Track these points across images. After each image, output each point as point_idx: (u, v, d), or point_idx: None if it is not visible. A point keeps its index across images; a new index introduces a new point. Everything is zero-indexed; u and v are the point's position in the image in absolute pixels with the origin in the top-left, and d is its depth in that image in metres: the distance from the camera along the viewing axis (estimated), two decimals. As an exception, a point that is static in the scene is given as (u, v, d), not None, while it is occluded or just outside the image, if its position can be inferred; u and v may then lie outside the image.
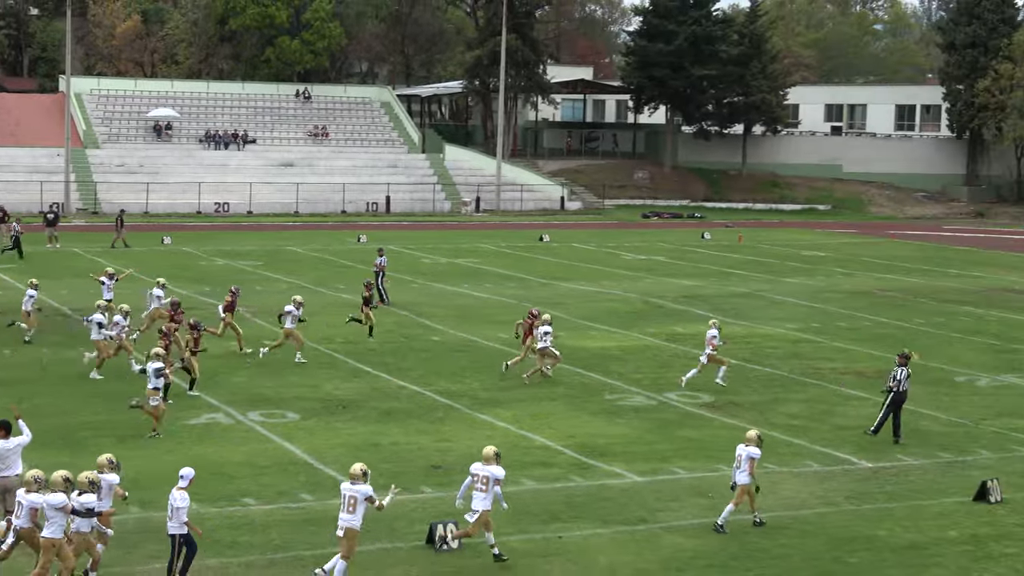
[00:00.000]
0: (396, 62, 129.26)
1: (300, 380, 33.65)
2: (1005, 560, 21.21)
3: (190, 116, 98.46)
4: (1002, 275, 63.03)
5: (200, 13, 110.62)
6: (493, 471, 20.65)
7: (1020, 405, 33.15)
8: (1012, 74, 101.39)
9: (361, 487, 19.14)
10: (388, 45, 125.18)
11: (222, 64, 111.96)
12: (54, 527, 18.06)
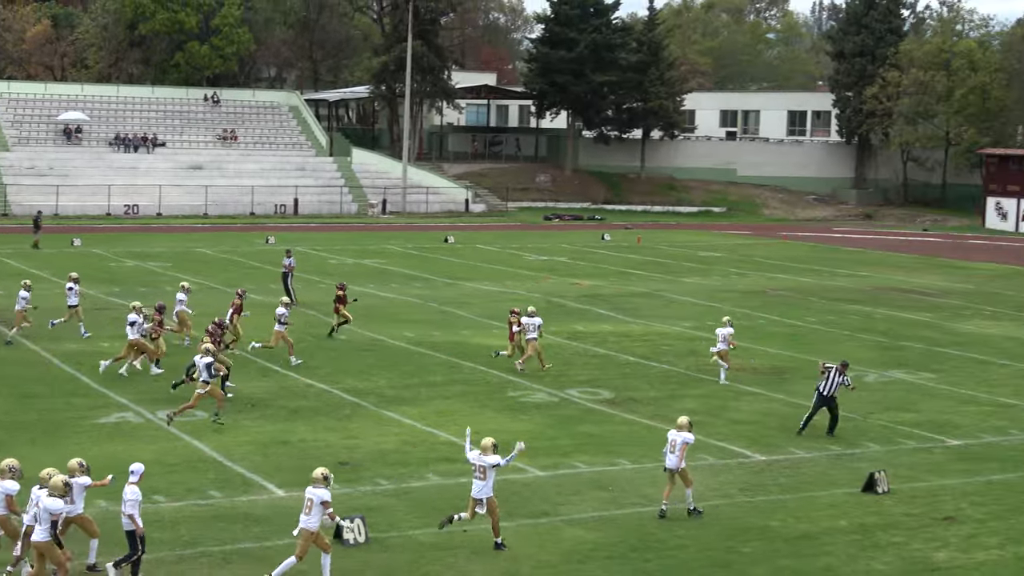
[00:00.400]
0: (304, 67, 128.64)
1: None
2: (891, 548, 21.48)
3: (100, 119, 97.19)
4: (889, 275, 63.88)
5: (110, 18, 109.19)
6: (489, 460, 20.85)
7: (906, 400, 33.62)
8: (898, 81, 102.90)
9: (320, 491, 19.07)
10: (296, 51, 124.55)
11: (132, 68, 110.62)
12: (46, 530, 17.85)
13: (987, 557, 21.19)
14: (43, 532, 17.79)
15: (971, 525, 22.88)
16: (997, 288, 59.62)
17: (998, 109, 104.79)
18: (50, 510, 17.72)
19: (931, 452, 28.26)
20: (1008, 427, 30.80)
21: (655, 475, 25.39)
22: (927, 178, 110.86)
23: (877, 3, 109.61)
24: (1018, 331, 46.21)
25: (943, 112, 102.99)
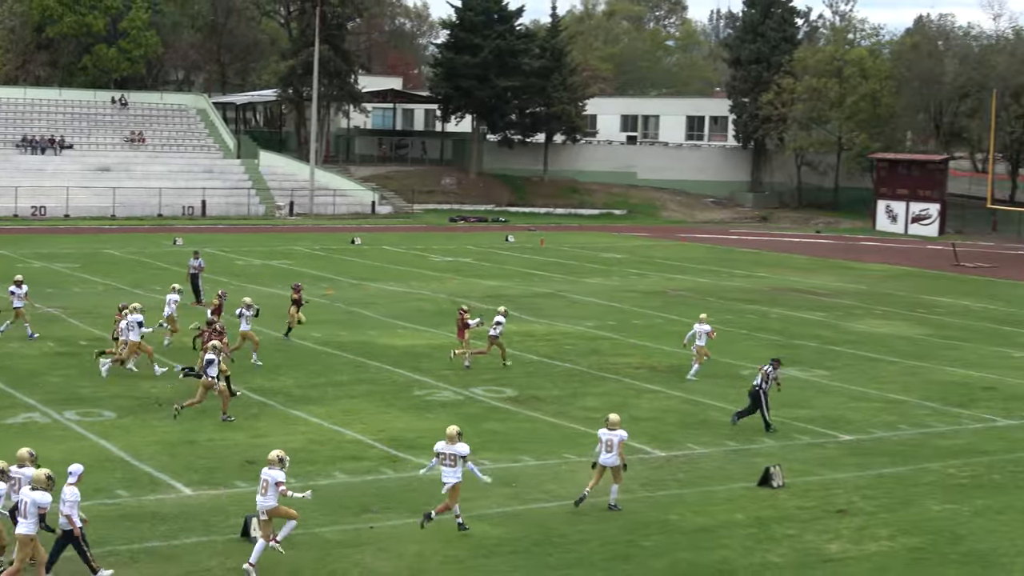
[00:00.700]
0: (212, 70, 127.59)
1: (117, 379, 32.90)
2: (786, 541, 21.70)
3: (7, 121, 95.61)
4: (784, 275, 64.57)
5: (17, 20, 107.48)
6: (458, 449, 21.35)
7: (800, 396, 33.97)
8: (793, 88, 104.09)
9: (275, 472, 19.37)
10: (204, 54, 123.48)
11: (39, 71, 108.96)
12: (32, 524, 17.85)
13: (878, 548, 21.48)
14: (29, 526, 17.79)
15: (862, 517, 23.17)
16: (888, 288, 60.48)
17: (888, 115, 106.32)
18: (38, 503, 17.76)
19: (824, 447, 28.60)
20: (898, 422, 31.25)
21: (557, 471, 25.51)
22: (820, 182, 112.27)
23: (772, 12, 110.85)
24: (908, 330, 46.94)
25: (835, 118, 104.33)
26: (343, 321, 44.21)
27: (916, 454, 28.05)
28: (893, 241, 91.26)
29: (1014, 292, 60.83)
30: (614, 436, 22.90)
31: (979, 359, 40.91)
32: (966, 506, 24.06)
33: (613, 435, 22.90)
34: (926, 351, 42.12)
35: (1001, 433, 30.51)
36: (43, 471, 18.28)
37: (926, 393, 34.91)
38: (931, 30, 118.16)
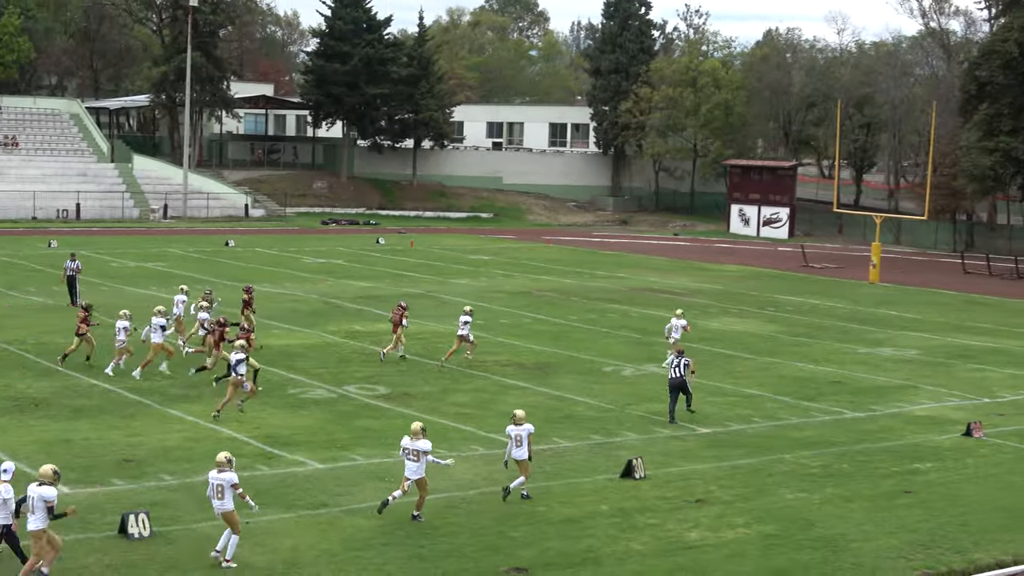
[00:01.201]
0: (85, 76, 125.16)
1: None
2: (648, 530, 21.89)
3: None
4: (644, 276, 65.22)
5: None
6: (420, 445, 21.80)
7: (660, 391, 34.16)
8: (650, 97, 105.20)
9: (227, 475, 19.33)
10: (77, 60, 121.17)
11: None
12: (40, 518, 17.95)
13: (735, 535, 21.76)
14: (38, 521, 17.92)
15: (720, 506, 23.47)
16: (741, 288, 61.38)
17: (740, 124, 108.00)
18: (44, 498, 17.88)
19: (683, 440, 28.90)
20: (752, 415, 31.71)
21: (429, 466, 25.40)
22: (677, 186, 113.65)
23: (630, 25, 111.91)
24: (760, 327, 47.67)
25: (691, 126, 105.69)
26: (218, 322, 43.58)
27: (770, 445, 28.49)
28: (746, 243, 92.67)
29: (858, 291, 62.13)
30: (522, 431, 23.19)
31: (827, 355, 41.70)
32: (817, 494, 24.50)
33: (521, 430, 23.20)
34: (777, 348, 42.82)
35: (849, 425, 31.12)
36: (49, 466, 18.39)
37: (778, 388, 35.49)
38: (780, 43, 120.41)
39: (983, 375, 38.90)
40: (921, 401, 34.41)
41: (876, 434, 30.06)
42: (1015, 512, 23.66)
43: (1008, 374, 39.23)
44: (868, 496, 24.47)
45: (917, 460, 27.51)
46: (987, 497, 24.67)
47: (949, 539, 21.84)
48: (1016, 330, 49.85)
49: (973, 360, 41.59)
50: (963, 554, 21.06)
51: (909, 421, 31.74)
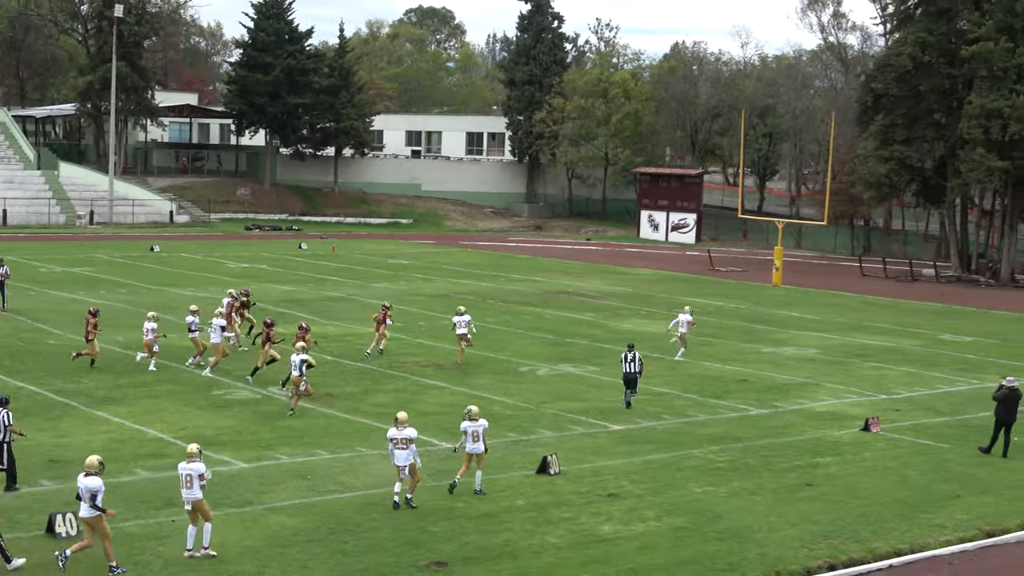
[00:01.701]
0: (11, 84, 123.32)
1: (-81, 384, 31.56)
2: (563, 523, 21.96)
3: None
4: (558, 279, 65.40)
5: None
6: (407, 432, 22.31)
7: (573, 390, 34.44)
8: (563, 107, 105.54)
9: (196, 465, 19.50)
10: (3, 69, 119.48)
11: None
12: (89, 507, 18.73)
13: (645, 528, 21.88)
14: (87, 509, 18.64)
15: (631, 500, 23.59)
16: (651, 291, 61.75)
17: (649, 133, 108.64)
18: (91, 488, 18.55)
19: (596, 436, 29.01)
20: (662, 413, 31.90)
21: (351, 463, 25.38)
22: (589, 193, 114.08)
23: (544, 38, 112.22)
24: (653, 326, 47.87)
25: (602, 135, 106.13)
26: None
27: (679, 441, 28.69)
28: (655, 248, 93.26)
29: (762, 293, 62.75)
30: (478, 427, 23.52)
31: (732, 354, 42.07)
32: (724, 488, 24.70)
33: (477, 426, 23.53)
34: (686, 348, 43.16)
35: (754, 421, 31.42)
36: (95, 457, 19.13)
37: (686, 386, 35.73)
38: (686, 56, 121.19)
39: (880, 373, 39.45)
40: (822, 398, 34.83)
41: (779, 430, 30.38)
42: (911, 503, 24.02)
43: (903, 372, 39.81)
44: (772, 489, 24.72)
45: (818, 454, 27.84)
46: (884, 489, 25.01)
47: (849, 529, 22.12)
48: (911, 330, 50.62)
49: (871, 359, 42.17)
50: (862, 544, 21.33)
51: (810, 417, 32.11)
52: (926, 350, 44.93)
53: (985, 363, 42.12)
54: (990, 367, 41.01)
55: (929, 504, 23.97)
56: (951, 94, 77.24)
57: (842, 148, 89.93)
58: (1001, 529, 22.55)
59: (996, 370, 39.51)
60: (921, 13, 78.35)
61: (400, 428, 22.38)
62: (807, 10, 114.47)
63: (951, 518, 23.06)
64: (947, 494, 24.78)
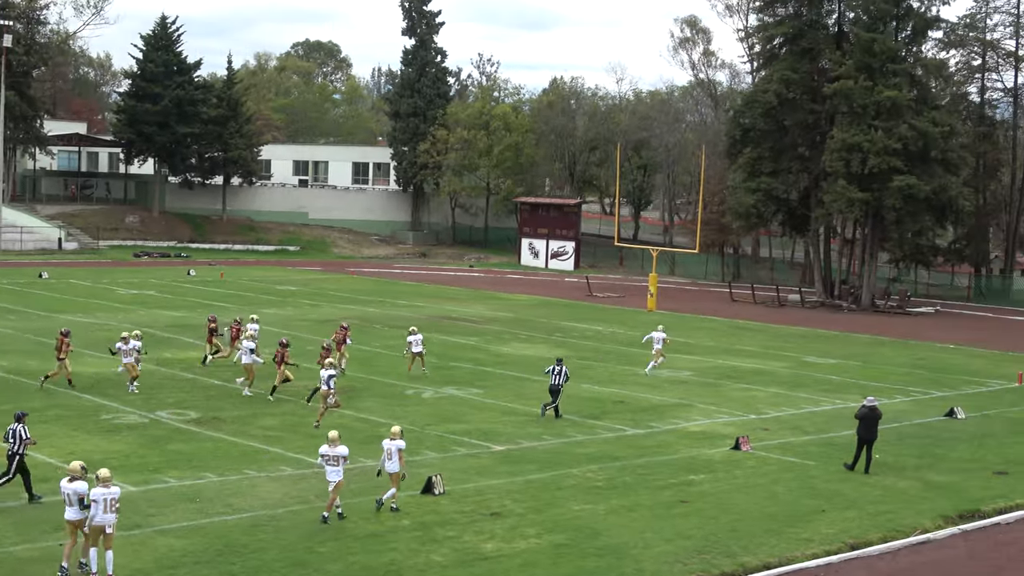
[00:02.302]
0: None
1: None
2: (447, 542, 21.85)
3: None
4: (442, 305, 65.30)
5: None
6: (339, 451, 22.81)
7: (457, 412, 34.36)
8: (447, 139, 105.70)
9: (116, 489, 19.59)
10: None
11: None
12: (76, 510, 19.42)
13: (527, 545, 21.87)
14: (74, 512, 19.35)
15: (513, 518, 23.56)
16: (531, 315, 61.93)
17: (529, 164, 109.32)
18: (78, 492, 19.33)
19: (479, 457, 28.96)
20: (542, 433, 31.95)
21: (239, 486, 25.02)
22: (472, 222, 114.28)
23: (427, 71, 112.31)
24: (549, 351, 48.06)
25: (484, 166, 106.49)
26: (32, 351, 42.16)
27: (559, 461, 28.74)
28: (535, 274, 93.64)
29: (638, 318, 63.27)
30: (393, 446, 23.60)
31: (610, 376, 42.33)
32: (602, 505, 24.80)
33: (393, 445, 23.63)
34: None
35: (630, 441, 31.61)
36: (77, 463, 20.04)
37: (565, 407, 35.76)
38: (565, 90, 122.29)
39: (750, 394, 39.98)
40: (695, 418, 35.18)
41: (655, 449, 30.60)
42: (779, 518, 24.33)
43: (772, 392, 40.40)
44: (648, 506, 24.87)
45: (692, 472, 28.09)
46: (754, 505, 25.31)
47: (721, 544, 22.33)
48: (778, 353, 51.41)
49: (741, 380, 42.73)
50: (733, 558, 21.55)
51: (684, 436, 32.40)
52: (792, 372, 45.66)
53: (847, 384, 42.93)
54: (852, 388, 41.81)
55: (797, 519, 24.31)
56: (814, 129, 78.89)
57: (712, 179, 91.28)
58: (864, 542, 22.93)
59: (858, 391, 40.29)
60: (786, 52, 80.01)
61: (332, 446, 22.79)
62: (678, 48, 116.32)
63: (817, 532, 23.40)
64: (813, 509, 25.15)
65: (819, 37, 78.51)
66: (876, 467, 28.82)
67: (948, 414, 37.05)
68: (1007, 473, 29.25)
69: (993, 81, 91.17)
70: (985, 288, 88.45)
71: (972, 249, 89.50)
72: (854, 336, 60.00)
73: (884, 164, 70.63)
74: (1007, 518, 25.36)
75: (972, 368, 49.19)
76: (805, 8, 79.41)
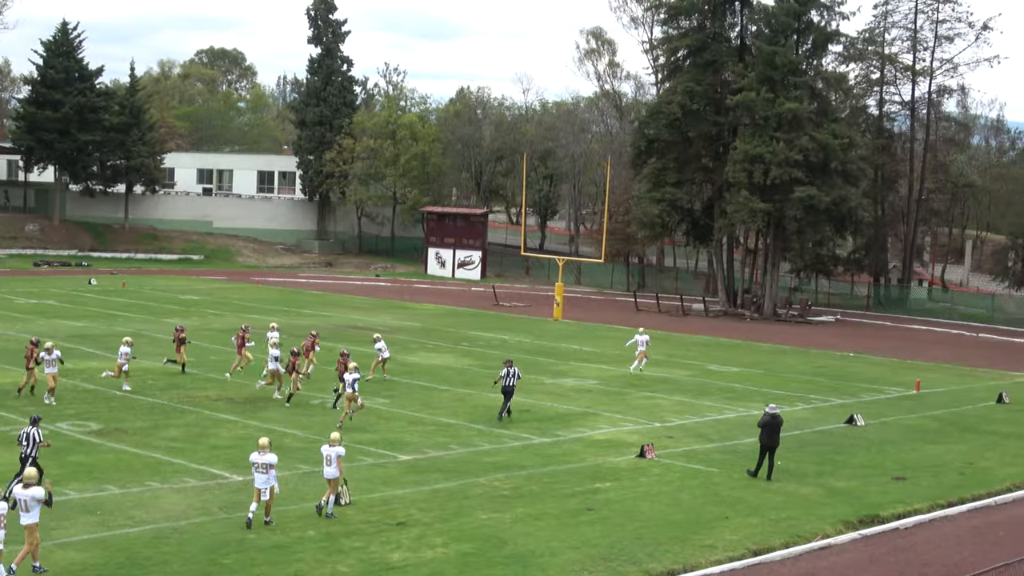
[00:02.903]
0: None
1: None
2: (354, 552, 21.71)
3: None
4: (348, 314, 64.96)
5: None
6: (269, 458, 22.96)
7: (363, 422, 34.11)
8: (353, 148, 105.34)
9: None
10: None
11: None
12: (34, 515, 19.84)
13: (434, 555, 21.79)
14: (33, 517, 19.75)
15: (420, 528, 23.48)
16: (438, 325, 61.83)
17: (436, 173, 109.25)
18: (36, 497, 19.87)
19: (385, 467, 28.82)
20: (449, 443, 31.89)
21: (141, 498, 24.64)
22: (379, 231, 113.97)
23: (333, 80, 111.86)
24: (455, 361, 48.11)
25: (390, 175, 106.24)
26: (-74, 362, 41.21)
27: (466, 470, 28.71)
28: (442, 284, 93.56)
29: (544, 327, 63.50)
30: (333, 452, 23.93)
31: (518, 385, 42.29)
32: (509, 514, 24.80)
33: (332, 451, 23.95)
34: (471, 379, 43.29)
35: (537, 449, 31.67)
36: (32, 469, 20.93)
37: (472, 416, 35.83)
38: (471, 100, 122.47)
39: (654, 402, 40.27)
40: (601, 426, 35.34)
41: (561, 457, 30.69)
42: (684, 525, 24.52)
43: (676, 401, 40.74)
44: (555, 514, 24.92)
45: (598, 480, 28.21)
46: (659, 512, 25.48)
47: (626, 552, 22.44)
48: (683, 361, 51.87)
49: (646, 389, 43.03)
50: (638, 565, 21.67)
51: (590, 445, 32.54)
52: (696, 380, 46.10)
53: (750, 392, 43.44)
54: (755, 396, 42.31)
55: (701, 526, 24.52)
56: (718, 140, 79.85)
57: (618, 190, 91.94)
58: (767, 548, 23.19)
59: (760, 398, 40.80)
60: (689, 64, 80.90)
61: (262, 453, 22.92)
62: (584, 60, 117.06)
63: (721, 539, 23.62)
64: (717, 516, 25.38)
65: (722, 50, 79.50)
66: (778, 474, 29.19)
67: (848, 421, 37.66)
68: (905, 478, 29.79)
69: (891, 94, 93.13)
70: (884, 297, 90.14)
71: (871, 259, 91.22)
72: (756, 345, 60.75)
73: (785, 175, 71.68)
74: (906, 523, 25.81)
75: (871, 376, 50.06)
76: (708, 21, 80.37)
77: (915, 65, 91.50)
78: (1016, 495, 29.08)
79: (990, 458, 33.20)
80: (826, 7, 77.69)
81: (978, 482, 29.87)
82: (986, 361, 58.52)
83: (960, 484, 29.53)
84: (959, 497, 28.12)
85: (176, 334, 42.46)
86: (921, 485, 29.15)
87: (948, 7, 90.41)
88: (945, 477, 30.31)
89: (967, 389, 47.55)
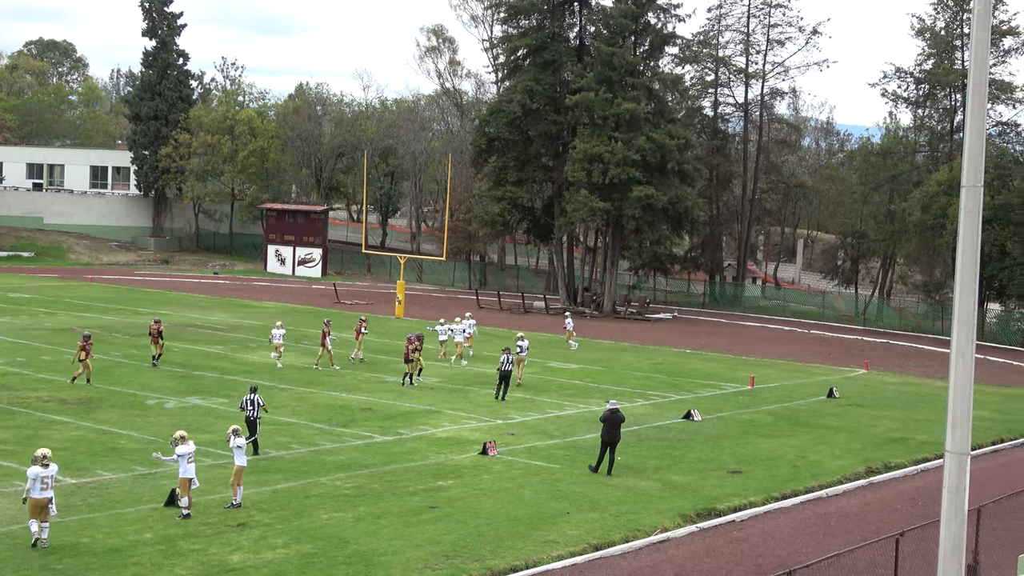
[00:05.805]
0: None
1: None
2: (192, 555, 21.34)
3: None
4: (186, 312, 63.81)
5: None
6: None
7: (202, 422, 33.59)
8: (190, 143, 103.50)
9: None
10: None
11: None
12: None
13: (274, 556, 21.55)
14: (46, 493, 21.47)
15: (260, 529, 23.20)
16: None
17: (275, 169, 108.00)
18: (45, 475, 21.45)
19: (224, 468, 28.35)
20: (290, 442, 31.58)
21: (-31, 504, 23.86)
22: (217, 228, 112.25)
23: (169, 74, 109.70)
24: (296, 359, 47.64)
25: (229, 171, 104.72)
26: None
27: (307, 470, 28.46)
28: (283, 281, 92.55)
29: (387, 325, 63.29)
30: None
31: (357, 384, 42.17)
32: (351, 513, 24.66)
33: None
34: (313, 378, 42.94)
35: (379, 448, 31.56)
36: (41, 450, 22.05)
37: (314, 415, 35.55)
38: (311, 96, 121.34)
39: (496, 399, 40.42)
40: (443, 424, 35.38)
41: (403, 455, 30.64)
42: (526, 521, 24.69)
43: (518, 398, 40.98)
44: (397, 513, 24.86)
45: (440, 478, 28.23)
46: (501, 509, 25.61)
47: (469, 549, 22.50)
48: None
49: (488, 386, 43.17)
50: (481, 562, 21.75)
51: (433, 443, 32.55)
52: (537, 377, 46.45)
53: (590, 388, 43.96)
54: (595, 392, 42.83)
55: (542, 521, 24.72)
56: (557, 139, 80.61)
57: (459, 188, 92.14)
58: (607, 543, 23.49)
59: (600, 394, 41.32)
60: (529, 64, 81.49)
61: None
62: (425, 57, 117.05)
63: (563, 534, 23.84)
64: (558, 512, 25.62)
65: (562, 49, 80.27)
66: (618, 469, 29.59)
67: (685, 416, 38.38)
68: (741, 472, 30.48)
69: (725, 96, 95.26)
70: (719, 295, 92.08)
71: (707, 257, 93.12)
72: (596, 342, 61.47)
73: (624, 175, 72.71)
74: (741, 515, 26.42)
75: (707, 372, 51.11)
76: (548, 21, 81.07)
77: (748, 68, 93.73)
78: (846, 487, 30.01)
79: (821, 451, 34.18)
80: (663, 9, 79.06)
81: (810, 475, 30.74)
82: (817, 357, 60.24)
83: (793, 477, 30.34)
84: (792, 489, 28.90)
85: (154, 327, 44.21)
86: (756, 478, 29.87)
87: (779, 12, 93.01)
88: (779, 470, 31.11)
89: (799, 384, 48.89)
